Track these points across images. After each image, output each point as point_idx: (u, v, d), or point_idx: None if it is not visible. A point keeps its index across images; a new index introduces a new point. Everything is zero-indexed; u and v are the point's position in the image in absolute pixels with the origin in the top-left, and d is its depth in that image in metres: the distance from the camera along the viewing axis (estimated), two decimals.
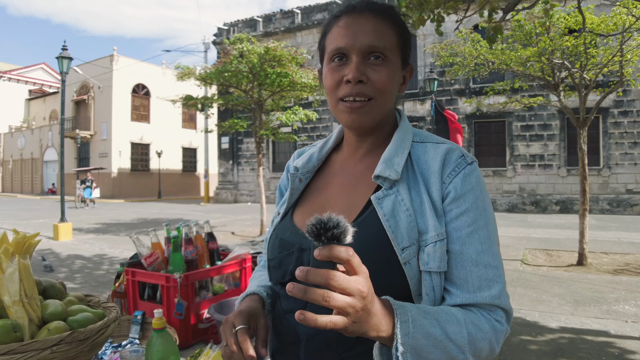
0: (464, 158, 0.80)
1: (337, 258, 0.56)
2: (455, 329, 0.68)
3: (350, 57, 0.80)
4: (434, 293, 0.75)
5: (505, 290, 0.76)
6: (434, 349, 0.66)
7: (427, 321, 0.66)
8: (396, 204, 0.76)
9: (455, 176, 0.77)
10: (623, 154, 15.50)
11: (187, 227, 1.85)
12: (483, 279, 0.74)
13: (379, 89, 0.80)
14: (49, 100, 38.26)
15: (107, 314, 1.25)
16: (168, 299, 1.68)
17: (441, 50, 9.02)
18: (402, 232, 0.74)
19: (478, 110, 14.92)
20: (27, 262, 1.11)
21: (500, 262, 0.77)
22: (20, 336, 1.02)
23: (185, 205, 22.33)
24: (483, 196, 0.78)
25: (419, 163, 0.81)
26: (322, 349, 0.78)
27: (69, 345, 1.01)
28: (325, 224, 0.57)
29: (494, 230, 0.78)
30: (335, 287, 0.56)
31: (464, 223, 0.75)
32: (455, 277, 0.75)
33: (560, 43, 6.84)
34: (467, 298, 0.74)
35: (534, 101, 8.65)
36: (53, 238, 10.30)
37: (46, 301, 1.16)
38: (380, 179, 0.79)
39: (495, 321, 0.74)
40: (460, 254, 0.75)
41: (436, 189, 0.77)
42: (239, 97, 11.56)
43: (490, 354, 0.73)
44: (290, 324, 0.83)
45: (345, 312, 0.57)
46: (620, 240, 9.54)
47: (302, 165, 0.94)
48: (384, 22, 0.82)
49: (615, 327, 4.21)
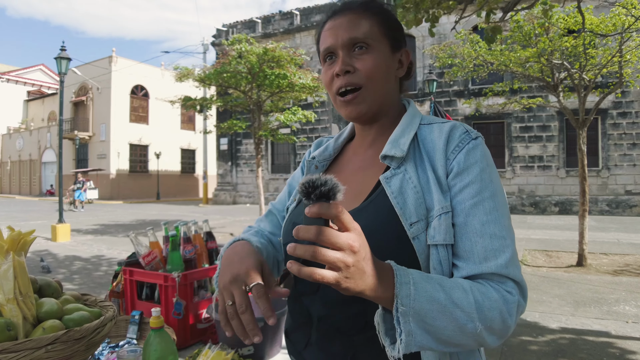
0: (467, 134, 0.81)
1: (326, 214, 0.57)
2: (461, 295, 0.67)
3: (337, 53, 0.87)
4: (441, 267, 0.75)
5: (516, 262, 0.74)
6: (439, 314, 0.64)
7: (431, 285, 0.65)
8: (404, 182, 0.79)
9: (459, 152, 0.79)
10: (622, 155, 15.51)
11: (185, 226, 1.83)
12: (488, 249, 0.73)
13: (366, 76, 0.85)
14: (48, 102, 38.21)
15: (104, 312, 1.23)
16: (166, 299, 1.65)
17: (440, 51, 9.02)
18: (410, 209, 0.76)
19: (477, 112, 14.93)
20: (22, 259, 1.08)
21: (509, 233, 0.75)
22: (14, 335, 0.99)
23: (184, 207, 22.30)
24: (489, 169, 0.79)
25: (425, 143, 0.84)
26: (333, 331, 0.80)
27: (64, 344, 0.99)
28: (313, 182, 0.58)
29: (502, 202, 0.78)
30: (324, 242, 0.56)
31: (468, 195, 0.76)
32: (461, 250, 0.75)
33: (560, 44, 6.84)
34: (472, 269, 0.73)
35: (533, 102, 8.65)
36: (51, 239, 10.26)
37: (41, 299, 1.14)
38: (387, 158, 0.83)
39: (505, 291, 0.71)
40: (465, 226, 0.75)
41: (441, 165, 0.79)
42: (238, 98, 11.55)
43: (504, 326, 0.69)
44: (304, 305, 0.86)
45: (335, 266, 0.57)
46: (620, 241, 9.54)
47: (319, 154, 0.99)
48: (361, 14, 0.87)
49: (616, 328, 4.19)
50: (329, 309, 0.81)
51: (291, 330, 0.92)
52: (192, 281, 1.73)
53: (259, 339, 0.70)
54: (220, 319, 0.75)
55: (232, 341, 1.54)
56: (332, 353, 0.81)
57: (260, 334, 0.71)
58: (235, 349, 1.53)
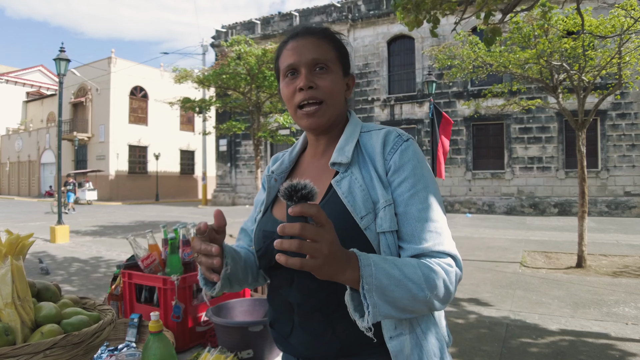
0: (400, 137, 0.96)
1: (307, 213, 0.67)
2: (412, 270, 0.80)
3: (300, 70, 0.98)
4: (389, 250, 0.89)
5: (449, 240, 0.89)
6: (396, 287, 0.77)
7: (387, 264, 0.78)
8: (351, 183, 0.92)
9: (394, 153, 0.93)
10: (621, 156, 15.53)
11: (184, 229, 1.82)
12: (426, 231, 0.87)
13: (326, 92, 0.97)
14: (47, 103, 38.18)
15: (103, 316, 1.22)
16: (165, 302, 1.65)
17: (439, 52, 9.02)
18: (359, 204, 0.89)
19: (476, 113, 14.94)
20: (20, 263, 1.07)
21: (441, 217, 0.90)
22: (12, 339, 0.99)
23: (183, 208, 22.29)
24: (420, 165, 0.93)
25: (366, 148, 0.98)
26: (312, 313, 0.93)
27: (62, 349, 0.98)
28: (295, 186, 0.69)
29: (434, 192, 0.93)
30: (306, 236, 0.67)
31: (405, 188, 0.91)
32: (404, 234, 0.89)
33: (559, 45, 6.84)
34: (415, 249, 0.87)
35: (532, 103, 8.65)
36: (50, 240, 10.25)
37: (40, 303, 1.13)
38: (336, 165, 0.96)
39: (444, 264, 0.84)
40: (405, 214, 0.89)
41: (380, 165, 0.94)
42: (237, 99, 11.55)
43: (447, 293, 0.83)
44: (282, 296, 0.98)
45: (314, 256, 0.68)
46: (619, 242, 9.54)
47: (277, 168, 1.12)
48: (322, 40, 1.00)
49: (616, 330, 4.19)
50: (304, 295, 0.93)
51: (274, 321, 1.04)
52: (191, 284, 1.73)
53: (216, 250, 0.85)
54: (204, 274, 0.90)
55: (231, 345, 1.54)
56: (315, 331, 0.93)
57: (215, 245, 0.86)
58: (235, 352, 1.52)
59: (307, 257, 0.68)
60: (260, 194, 1.19)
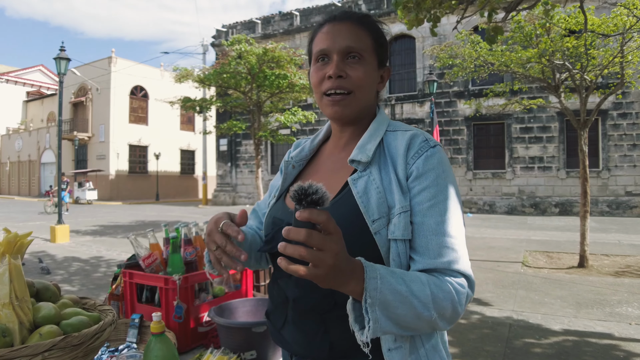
0: (427, 142, 0.90)
1: (315, 220, 0.64)
2: (419, 288, 0.76)
3: (332, 57, 0.93)
4: (399, 259, 0.84)
5: (465, 258, 0.84)
6: (400, 304, 0.73)
7: (394, 279, 0.74)
8: (368, 183, 0.88)
9: (418, 158, 0.88)
10: (622, 156, 15.50)
11: (186, 228, 1.80)
12: (442, 246, 0.82)
13: (356, 83, 0.93)
14: (47, 102, 38.16)
15: (103, 317, 1.19)
16: (167, 302, 1.62)
17: (440, 52, 8.99)
18: (373, 207, 0.85)
19: (477, 113, 14.91)
20: (18, 262, 1.05)
21: (459, 233, 0.85)
22: (10, 341, 0.96)
23: (183, 208, 22.27)
24: (445, 175, 0.87)
25: (389, 148, 0.93)
26: (307, 311, 0.90)
27: (62, 351, 0.96)
28: (305, 190, 0.65)
29: (456, 206, 0.87)
30: (311, 244, 0.64)
31: (425, 198, 0.85)
32: (418, 245, 0.84)
33: (561, 44, 6.81)
34: (428, 263, 0.82)
35: (533, 102, 8.63)
36: (50, 240, 10.22)
37: (38, 304, 1.10)
38: (354, 162, 0.92)
39: (456, 284, 0.80)
40: (422, 225, 0.84)
41: (401, 169, 0.88)
42: (238, 98, 11.52)
43: (454, 313, 0.79)
44: (281, 288, 0.96)
45: (318, 265, 0.65)
46: (621, 242, 9.52)
47: (296, 155, 1.07)
48: (360, 27, 0.95)
49: (619, 330, 4.16)
50: (302, 290, 0.90)
51: (271, 312, 1.02)
52: (193, 284, 1.70)
53: (245, 257, 0.80)
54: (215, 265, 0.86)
55: (234, 345, 1.51)
56: (307, 329, 0.91)
57: (244, 253, 0.81)
58: (238, 353, 1.50)
59: (310, 266, 0.65)
60: (277, 179, 1.16)
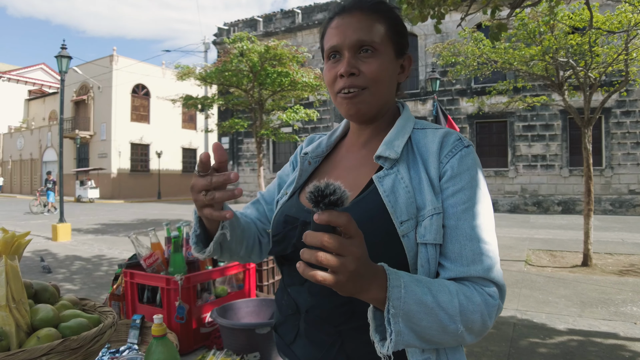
0: (461, 141, 0.85)
1: (335, 222, 0.59)
2: (447, 298, 0.70)
3: (343, 53, 0.88)
4: (428, 265, 0.78)
5: (499, 267, 0.79)
6: (425, 315, 0.68)
7: (420, 289, 0.69)
8: (396, 182, 0.82)
9: (452, 157, 0.82)
10: (625, 154, 15.43)
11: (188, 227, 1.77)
12: (476, 253, 0.77)
13: (371, 78, 0.86)
14: (49, 101, 38.19)
15: (103, 319, 1.16)
16: (168, 302, 1.59)
17: (443, 49, 8.95)
18: (401, 207, 0.79)
19: (480, 110, 14.85)
20: (15, 263, 1.02)
21: (493, 240, 0.80)
22: (7, 345, 0.93)
23: (185, 206, 22.26)
24: (478, 177, 0.83)
25: (418, 146, 0.87)
26: (320, 322, 0.84)
27: (60, 355, 0.93)
28: (322, 190, 0.60)
29: (489, 210, 0.82)
30: (329, 249, 0.59)
31: (460, 200, 0.80)
32: (450, 251, 0.78)
33: (565, 41, 6.76)
34: (460, 271, 0.76)
35: (537, 100, 8.58)
36: (52, 239, 10.22)
37: (36, 306, 1.07)
38: (381, 159, 0.86)
39: (487, 295, 0.75)
40: (456, 229, 0.78)
41: (434, 167, 0.83)
42: (239, 96, 11.49)
43: (483, 327, 0.74)
44: (291, 297, 0.90)
45: (338, 271, 0.60)
46: (625, 240, 9.47)
47: (312, 150, 1.01)
48: (371, 16, 0.88)
49: (625, 329, 4.13)
50: (316, 299, 0.84)
51: (279, 324, 0.96)
52: (195, 284, 1.67)
53: (235, 175, 0.75)
54: (209, 215, 0.79)
55: (237, 347, 1.49)
56: (321, 343, 0.84)
57: (233, 172, 0.75)
58: (241, 355, 1.47)
59: (329, 271, 0.61)
60: (285, 169, 1.11)
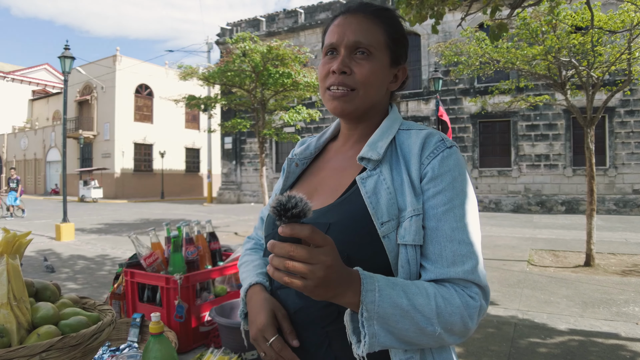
0: (443, 142, 0.85)
1: (298, 235, 0.62)
2: (423, 301, 0.72)
3: (339, 51, 0.90)
4: (409, 266, 0.79)
5: (481, 268, 0.79)
6: (401, 318, 0.70)
7: (395, 292, 0.71)
8: (378, 183, 0.83)
9: (434, 158, 0.83)
10: (629, 153, 15.37)
11: (188, 227, 1.79)
12: (457, 254, 0.77)
13: (361, 81, 0.88)
14: (52, 101, 38.34)
15: (102, 317, 1.18)
16: (168, 301, 1.61)
17: (446, 49, 8.94)
18: (382, 208, 0.80)
19: (483, 110, 14.83)
20: (16, 262, 1.04)
21: (476, 240, 0.80)
22: (8, 341, 0.95)
23: (188, 206, 22.32)
24: (461, 178, 0.82)
25: (402, 147, 0.88)
26: (308, 323, 0.85)
27: (59, 352, 0.95)
28: (284, 204, 0.63)
29: (472, 211, 0.82)
30: (297, 259, 0.62)
31: (440, 201, 0.80)
32: (430, 253, 0.79)
33: (567, 41, 6.75)
34: (440, 273, 0.77)
35: (539, 100, 8.56)
36: (55, 238, 10.26)
37: (37, 304, 1.09)
38: (364, 160, 0.87)
39: (468, 297, 0.75)
40: (436, 230, 0.79)
41: (415, 169, 0.83)
42: (242, 96, 11.51)
43: (464, 329, 0.74)
44: (280, 299, 0.91)
45: (307, 277, 0.63)
46: (628, 240, 9.44)
47: (300, 152, 1.03)
48: (372, 21, 0.90)
49: (626, 330, 4.12)
50: (303, 301, 0.85)
51: None
52: (195, 283, 1.69)
53: (296, 343, 0.83)
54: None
55: (235, 345, 1.50)
56: (309, 344, 0.85)
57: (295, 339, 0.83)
58: (239, 353, 1.48)
59: (299, 277, 0.64)
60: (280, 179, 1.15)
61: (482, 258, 0.80)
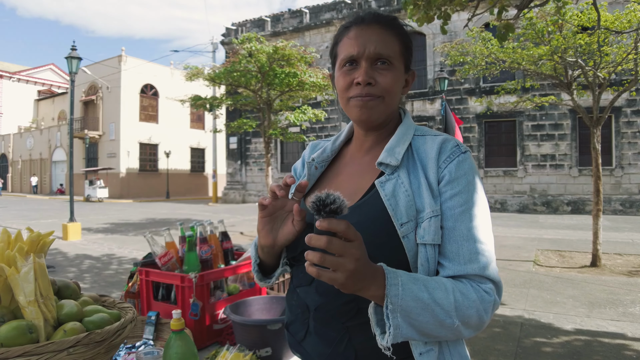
0: (458, 147, 0.90)
1: (334, 229, 0.67)
2: (442, 295, 0.76)
3: (360, 63, 0.92)
4: (428, 264, 0.83)
5: (494, 265, 0.84)
6: (422, 311, 0.74)
7: (416, 286, 0.75)
8: (396, 186, 0.87)
9: (450, 162, 0.88)
10: (636, 153, 15.31)
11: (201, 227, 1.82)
12: (473, 252, 0.82)
13: (385, 89, 0.92)
14: (58, 101, 38.55)
15: (123, 314, 1.21)
16: (183, 300, 1.64)
17: (451, 49, 8.94)
18: (401, 210, 0.84)
19: (488, 110, 14.81)
20: (42, 261, 1.07)
21: (489, 240, 0.85)
22: (36, 337, 0.98)
23: (194, 206, 22.39)
24: (475, 181, 0.88)
25: (418, 152, 0.92)
26: (328, 319, 0.89)
27: (85, 347, 0.98)
28: (323, 200, 0.68)
29: (485, 212, 0.87)
30: (332, 250, 0.67)
31: (457, 203, 0.85)
32: (448, 251, 0.83)
33: (574, 41, 6.74)
34: (457, 270, 0.82)
35: (545, 100, 8.55)
36: (62, 238, 10.34)
37: (61, 301, 1.13)
38: (382, 165, 0.91)
39: (483, 292, 0.80)
40: (453, 230, 0.84)
41: (433, 172, 0.88)
42: (248, 97, 11.55)
43: (479, 322, 0.79)
44: (300, 297, 0.95)
45: (338, 270, 0.68)
46: (634, 241, 9.41)
47: (318, 156, 1.06)
48: (389, 32, 0.94)
49: (632, 330, 4.13)
50: (323, 298, 0.89)
51: (290, 323, 1.01)
52: (209, 282, 1.72)
53: (306, 183, 0.89)
54: None
55: (249, 343, 1.53)
56: (330, 339, 0.89)
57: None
58: (253, 350, 1.51)
59: (331, 270, 0.68)
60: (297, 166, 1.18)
61: (494, 256, 0.85)
